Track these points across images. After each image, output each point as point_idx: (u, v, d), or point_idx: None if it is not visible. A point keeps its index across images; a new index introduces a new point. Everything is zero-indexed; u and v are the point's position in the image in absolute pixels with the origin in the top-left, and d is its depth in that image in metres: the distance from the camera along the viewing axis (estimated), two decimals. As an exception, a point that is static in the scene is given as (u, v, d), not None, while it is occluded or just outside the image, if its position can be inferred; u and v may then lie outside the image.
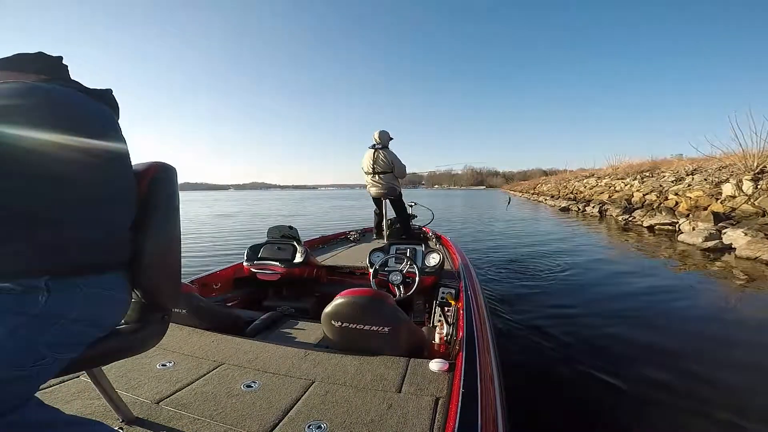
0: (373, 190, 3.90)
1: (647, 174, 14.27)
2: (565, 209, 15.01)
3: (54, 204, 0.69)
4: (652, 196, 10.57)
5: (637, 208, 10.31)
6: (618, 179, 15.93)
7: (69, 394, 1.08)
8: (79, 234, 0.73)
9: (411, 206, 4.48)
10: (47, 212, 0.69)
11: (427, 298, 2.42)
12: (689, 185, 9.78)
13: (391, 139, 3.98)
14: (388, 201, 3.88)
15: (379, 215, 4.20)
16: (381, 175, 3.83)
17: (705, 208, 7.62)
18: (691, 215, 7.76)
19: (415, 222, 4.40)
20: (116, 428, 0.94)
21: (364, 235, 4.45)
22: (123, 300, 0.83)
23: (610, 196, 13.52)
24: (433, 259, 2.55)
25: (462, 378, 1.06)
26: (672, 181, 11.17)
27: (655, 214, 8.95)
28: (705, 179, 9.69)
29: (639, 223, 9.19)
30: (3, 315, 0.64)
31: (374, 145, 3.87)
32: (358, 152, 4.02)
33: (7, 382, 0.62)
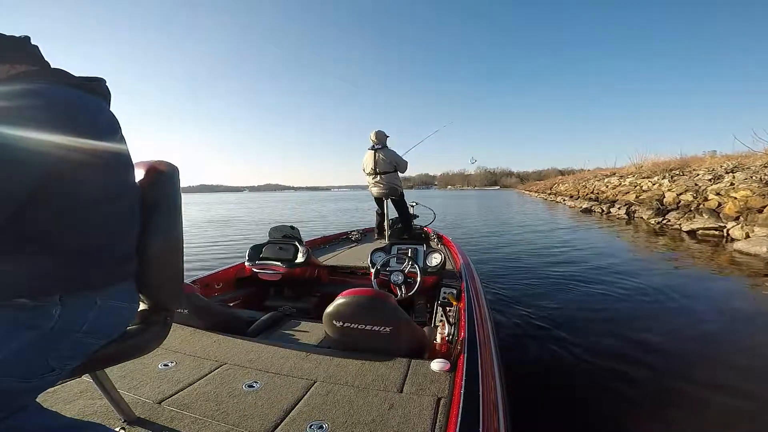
0: (375, 191, 3.90)
1: (677, 172, 13.03)
2: (587, 210, 13.76)
3: (68, 217, 0.68)
4: (688, 197, 9.30)
5: (672, 210, 9.20)
6: (644, 178, 14.50)
7: (71, 394, 1.09)
8: (93, 246, 0.71)
9: (412, 206, 4.47)
10: (61, 226, 0.67)
11: (429, 298, 2.42)
12: (731, 184, 8.55)
13: (387, 137, 4.00)
14: (389, 201, 3.89)
15: (380, 215, 4.21)
16: (382, 175, 3.84)
17: (760, 210, 6.45)
18: (742, 218, 6.62)
19: (416, 222, 4.40)
20: (117, 429, 0.94)
21: (365, 235, 4.45)
22: (133, 309, 0.83)
23: (637, 197, 12.19)
24: (435, 259, 2.55)
25: (464, 378, 1.06)
26: (709, 180, 9.92)
27: (694, 216, 7.88)
28: (750, 177, 8.49)
29: (676, 226, 8.08)
30: (16, 329, 0.63)
31: (373, 146, 3.88)
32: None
33: (11, 392, 0.62)
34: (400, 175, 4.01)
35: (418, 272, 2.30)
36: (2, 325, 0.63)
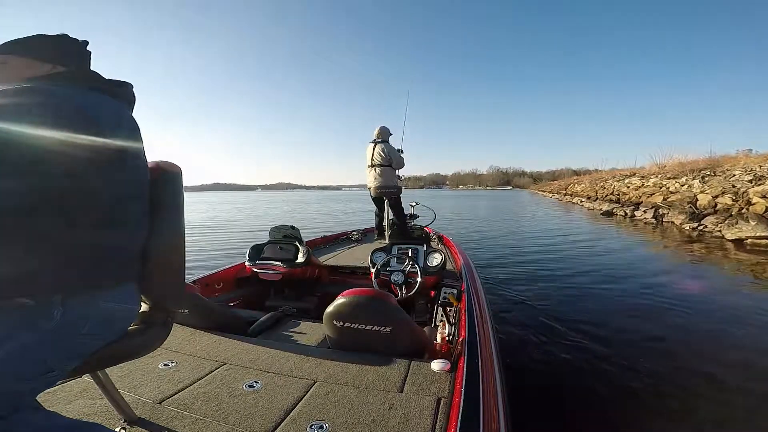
0: (372, 188, 3.94)
1: (708, 172, 12.08)
2: (608, 213, 12.77)
3: (75, 218, 0.67)
4: (726, 199, 8.37)
5: (708, 214, 8.34)
6: (669, 178, 13.42)
7: (71, 394, 1.09)
8: (99, 248, 0.71)
9: (412, 206, 4.46)
10: (67, 226, 0.66)
11: (429, 298, 2.42)
12: (779, 184, 7.60)
13: (391, 134, 4.07)
14: (390, 201, 3.91)
15: (380, 216, 4.22)
16: (378, 168, 3.88)
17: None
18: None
19: (416, 222, 4.40)
20: (118, 429, 0.94)
21: (365, 235, 4.45)
22: (135, 311, 0.83)
23: (665, 198, 11.17)
24: (435, 259, 2.55)
25: (464, 378, 1.06)
26: (749, 181, 8.94)
27: (737, 222, 6.95)
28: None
29: (716, 234, 7.16)
30: (16, 330, 0.63)
31: (374, 139, 3.95)
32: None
33: (9, 392, 0.62)
34: (400, 174, 4.04)
35: (419, 272, 2.29)
36: (2, 325, 0.63)
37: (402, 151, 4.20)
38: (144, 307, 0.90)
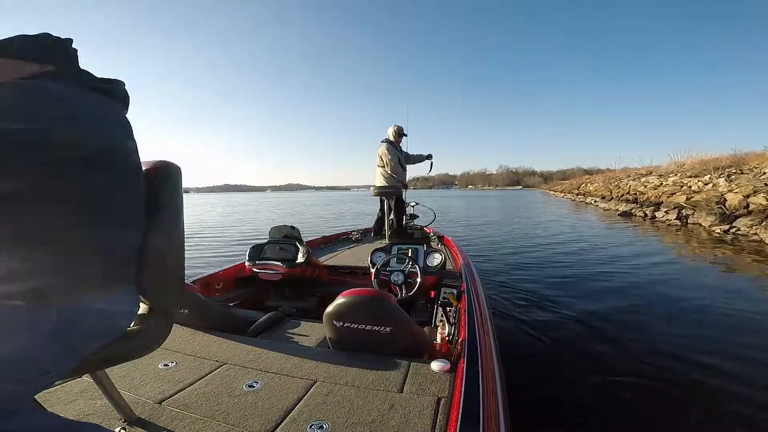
0: (373, 186, 3.93)
1: (734, 170, 11.37)
2: (626, 214, 12.17)
3: (69, 217, 0.66)
4: (760, 199, 7.72)
5: (741, 215, 7.73)
6: (690, 177, 12.70)
7: (71, 394, 1.09)
8: (95, 248, 0.70)
9: (412, 206, 4.46)
10: (62, 226, 0.66)
11: (429, 298, 2.42)
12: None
13: (405, 135, 3.99)
14: (390, 201, 3.91)
15: (379, 215, 4.22)
16: (380, 168, 3.87)
17: None
18: None
19: (416, 222, 4.40)
20: (117, 429, 0.94)
21: (365, 235, 4.45)
22: (133, 312, 0.82)
23: (688, 198, 10.50)
24: (435, 259, 2.55)
25: (464, 378, 1.06)
26: None
27: None
28: None
29: (753, 237, 6.58)
30: (12, 331, 0.62)
31: (383, 139, 3.97)
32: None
33: (5, 394, 0.61)
34: (407, 176, 4.04)
35: (418, 272, 2.30)
36: None
37: (407, 160, 4.18)
38: (143, 307, 0.90)
